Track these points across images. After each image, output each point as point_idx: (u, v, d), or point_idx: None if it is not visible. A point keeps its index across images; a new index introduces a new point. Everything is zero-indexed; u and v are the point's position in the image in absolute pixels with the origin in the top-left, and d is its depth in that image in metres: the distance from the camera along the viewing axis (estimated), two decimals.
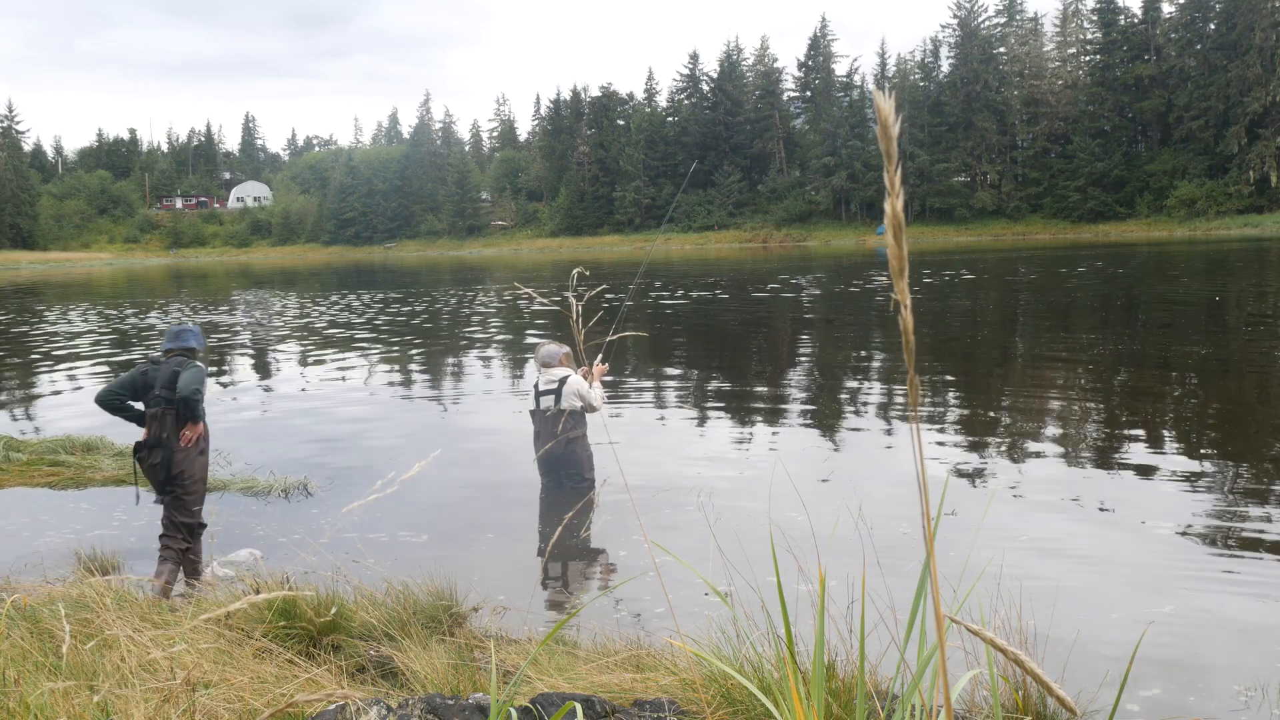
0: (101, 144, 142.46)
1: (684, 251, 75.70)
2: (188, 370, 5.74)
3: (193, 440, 5.80)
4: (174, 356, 5.89)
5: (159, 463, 5.75)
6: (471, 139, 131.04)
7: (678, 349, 17.13)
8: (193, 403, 5.70)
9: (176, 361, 5.83)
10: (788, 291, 29.22)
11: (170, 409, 5.73)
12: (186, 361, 5.83)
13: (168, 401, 5.74)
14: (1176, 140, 78.54)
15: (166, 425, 5.74)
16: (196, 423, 5.81)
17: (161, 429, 5.75)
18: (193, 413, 5.74)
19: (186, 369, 5.75)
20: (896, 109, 1.12)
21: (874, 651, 3.05)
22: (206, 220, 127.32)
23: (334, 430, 10.47)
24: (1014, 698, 3.20)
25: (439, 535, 6.70)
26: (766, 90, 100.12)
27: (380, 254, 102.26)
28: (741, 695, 2.79)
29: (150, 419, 5.79)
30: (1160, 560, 5.72)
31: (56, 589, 4.66)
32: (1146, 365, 13.07)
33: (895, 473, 7.91)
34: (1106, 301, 22.62)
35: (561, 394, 7.40)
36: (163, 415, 5.75)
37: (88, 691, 2.79)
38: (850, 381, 12.93)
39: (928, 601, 1.63)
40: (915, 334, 1.20)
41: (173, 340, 5.97)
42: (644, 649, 3.90)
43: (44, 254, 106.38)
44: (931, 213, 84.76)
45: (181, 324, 6.26)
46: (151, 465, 5.77)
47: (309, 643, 4.12)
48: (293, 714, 2.71)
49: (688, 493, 7.26)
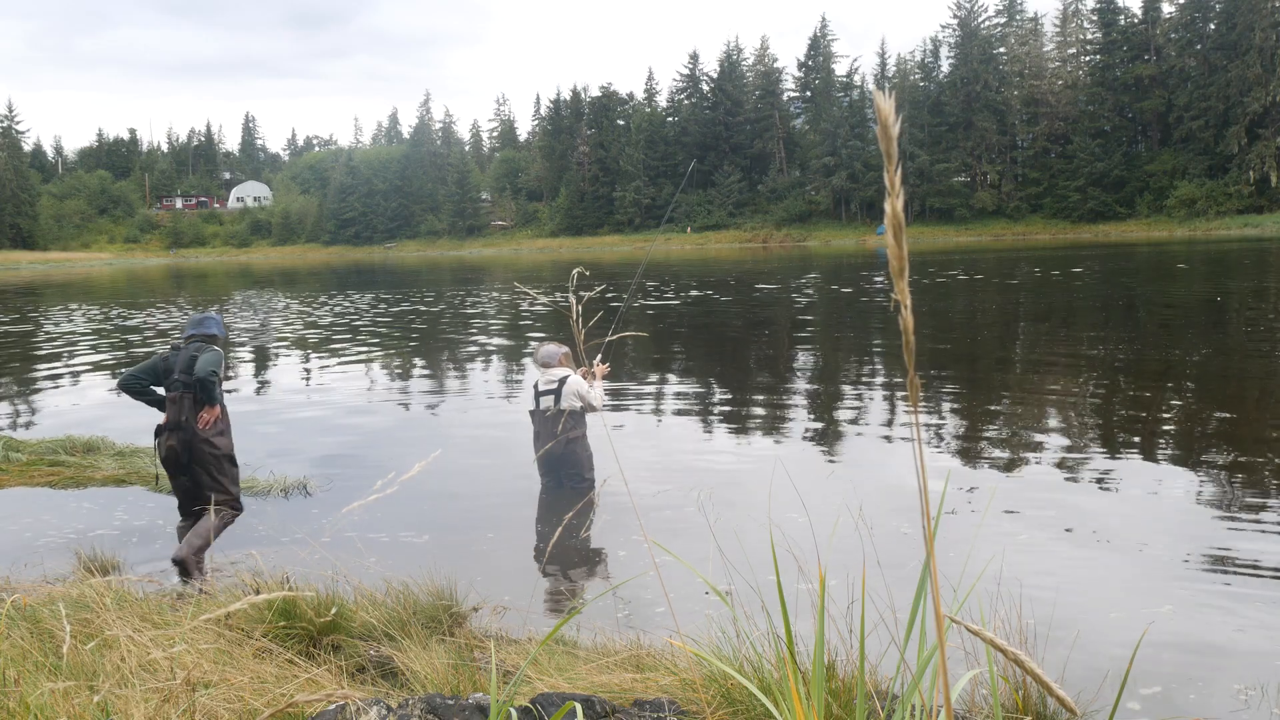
0: (101, 144, 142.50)
1: (684, 252, 75.71)
2: (205, 354, 5.91)
3: (210, 422, 5.93)
4: (194, 342, 6.05)
5: (177, 445, 5.89)
6: (471, 139, 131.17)
7: (678, 349, 17.13)
8: (208, 384, 5.83)
9: (195, 347, 5.99)
10: (789, 292, 29.22)
11: (188, 392, 5.89)
12: (205, 346, 6.00)
13: (185, 385, 5.88)
14: (1176, 140, 78.56)
15: (185, 408, 5.89)
16: (213, 405, 5.94)
17: (180, 412, 5.91)
18: (209, 394, 5.86)
19: (204, 353, 5.91)
20: (896, 109, 1.12)
21: (874, 651, 3.05)
22: (206, 220, 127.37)
23: (334, 430, 10.47)
24: (1014, 698, 3.20)
25: (439, 535, 6.69)
26: (766, 90, 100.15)
27: (380, 254, 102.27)
28: (741, 695, 2.79)
29: (170, 402, 5.95)
30: (1160, 560, 5.72)
31: (56, 589, 4.66)
32: (1147, 365, 13.07)
33: (895, 473, 7.90)
34: (1107, 302, 22.62)
35: (561, 394, 7.40)
36: (181, 398, 5.91)
37: (88, 691, 2.79)
38: (850, 381, 12.94)
39: (928, 601, 1.63)
40: (915, 334, 1.20)
41: (195, 327, 6.15)
42: (644, 649, 3.90)
43: (44, 254, 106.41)
44: (931, 213, 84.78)
45: (204, 312, 6.38)
46: (170, 447, 5.91)
47: (309, 643, 4.12)
48: (293, 714, 2.71)
49: (688, 493, 7.26)
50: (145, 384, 6.00)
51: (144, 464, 8.80)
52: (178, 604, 4.75)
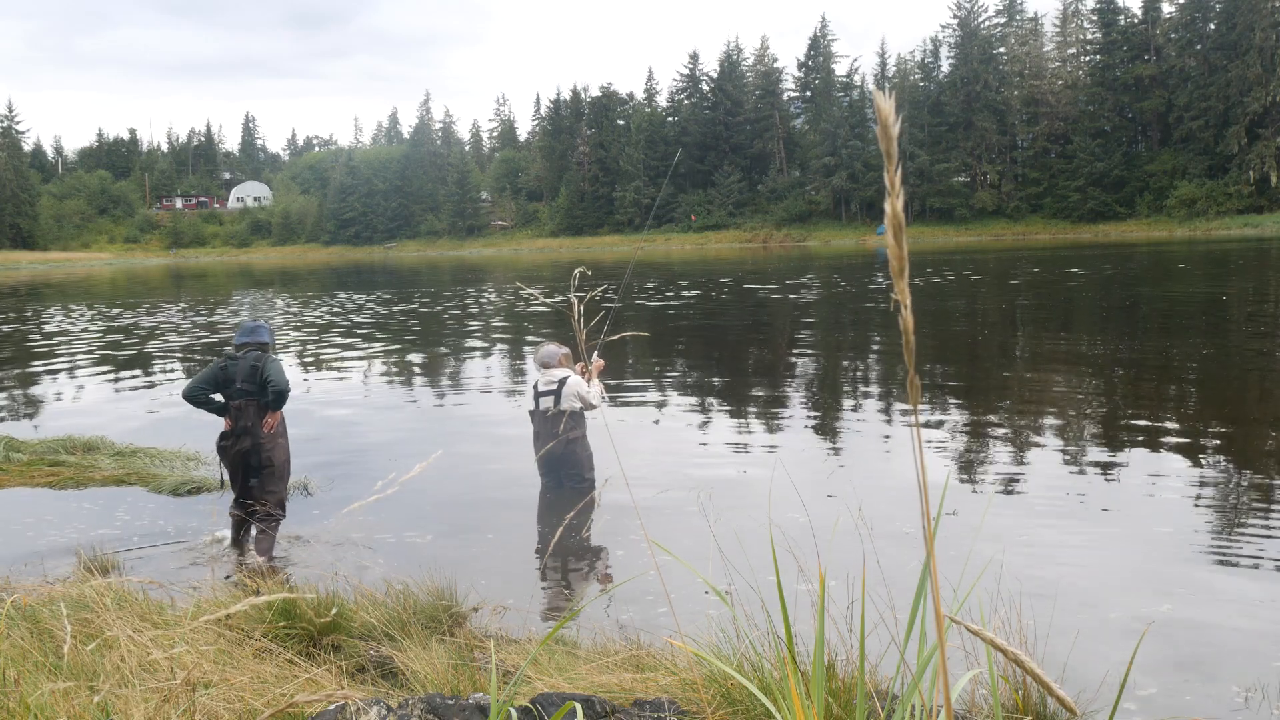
0: (101, 144, 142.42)
1: (684, 252, 75.71)
2: (273, 365, 6.26)
3: (273, 425, 6.32)
4: (249, 351, 6.35)
5: (247, 448, 6.23)
6: (471, 139, 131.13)
7: (678, 349, 17.13)
8: (286, 395, 6.24)
9: (254, 356, 6.30)
10: (788, 292, 29.22)
11: (252, 400, 6.25)
12: (264, 356, 6.31)
13: (248, 393, 6.22)
14: (1176, 140, 78.54)
15: (249, 415, 6.26)
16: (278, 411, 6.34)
17: (245, 418, 6.24)
18: (283, 403, 6.28)
19: (269, 364, 6.24)
20: (896, 109, 1.12)
21: (874, 651, 3.06)
22: (206, 220, 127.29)
23: (334, 430, 10.47)
24: (1014, 698, 3.20)
25: (439, 535, 6.70)
26: (766, 90, 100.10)
27: (380, 254, 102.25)
28: (741, 695, 2.79)
29: (234, 410, 6.26)
30: (1160, 560, 5.72)
31: (57, 589, 4.66)
32: (1147, 365, 13.07)
33: (895, 473, 7.91)
34: (1107, 301, 22.62)
35: (561, 395, 7.40)
36: (245, 406, 6.25)
37: (88, 692, 2.79)
38: (850, 381, 12.94)
39: (928, 601, 1.63)
40: (915, 334, 1.20)
41: (247, 335, 6.44)
42: (644, 649, 3.90)
43: (44, 254, 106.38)
44: (931, 213, 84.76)
45: (255, 321, 6.65)
46: (239, 451, 6.25)
47: (309, 643, 4.12)
48: (293, 714, 2.71)
49: (688, 493, 7.25)
50: (208, 393, 6.31)
51: (143, 464, 8.80)
52: (177, 604, 4.75)
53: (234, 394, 6.27)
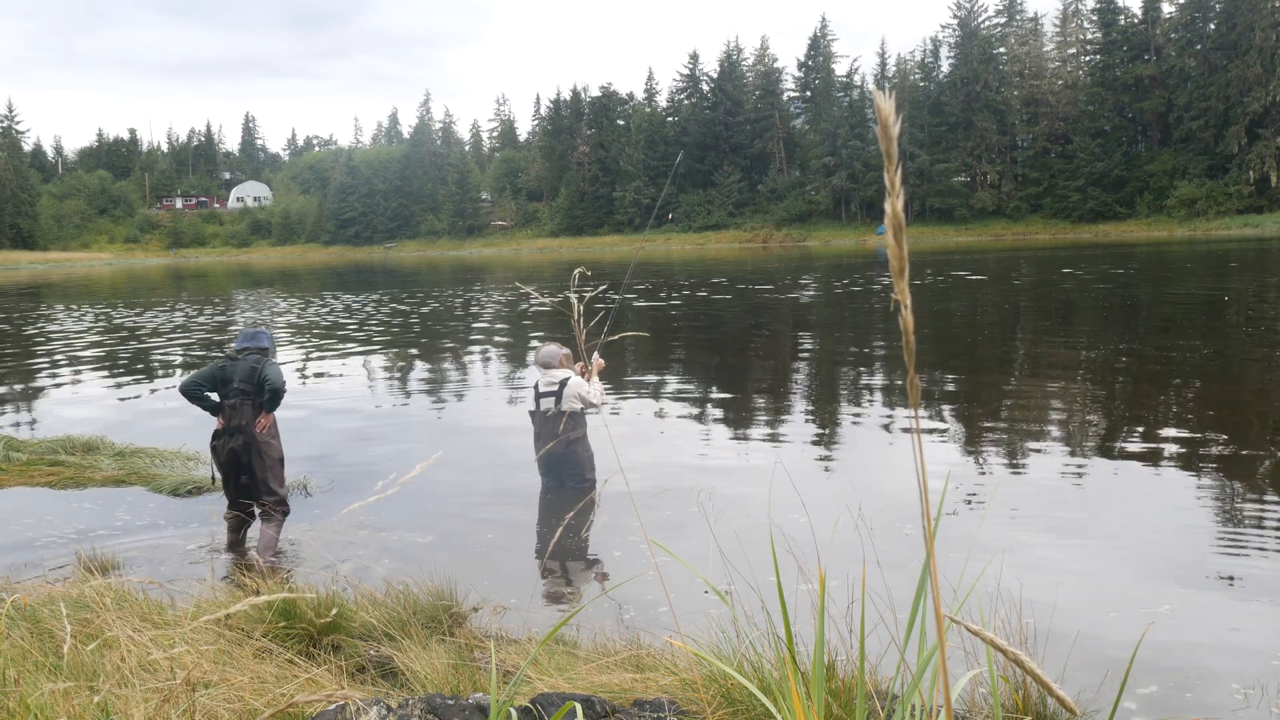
0: (101, 144, 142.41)
1: (684, 252, 75.70)
2: (271, 368, 6.45)
3: (267, 426, 6.47)
4: (249, 354, 6.53)
5: (239, 447, 6.38)
6: (471, 139, 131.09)
7: (678, 349, 17.13)
8: (282, 394, 6.44)
9: (254, 359, 6.49)
10: (788, 292, 29.22)
11: (248, 400, 6.41)
12: (264, 359, 6.50)
13: (245, 394, 6.37)
14: (1176, 140, 78.53)
15: (244, 414, 6.40)
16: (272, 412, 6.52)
17: (240, 417, 6.40)
18: (278, 404, 6.48)
19: (268, 366, 6.44)
20: (896, 109, 1.12)
21: (874, 651, 3.06)
22: (206, 220, 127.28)
23: (334, 431, 10.47)
24: (1014, 698, 3.20)
25: (439, 536, 6.70)
26: (766, 90, 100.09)
27: (380, 254, 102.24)
28: (741, 695, 2.79)
29: (229, 409, 6.41)
30: (1160, 560, 5.72)
31: (57, 589, 4.66)
32: (1147, 365, 13.07)
33: (895, 473, 7.91)
34: (1107, 301, 22.62)
35: (562, 396, 7.40)
36: (241, 405, 6.41)
37: (88, 692, 2.79)
38: (850, 382, 12.94)
39: (928, 601, 1.63)
40: (915, 334, 1.20)
41: (248, 340, 6.64)
42: (644, 649, 3.90)
43: (44, 254, 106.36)
44: (931, 213, 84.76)
45: (256, 326, 6.72)
46: (232, 449, 6.39)
47: (309, 643, 4.12)
48: (293, 714, 2.71)
49: (688, 493, 7.25)
50: (205, 390, 6.45)
51: (143, 464, 8.80)
52: (177, 604, 4.75)
53: (230, 393, 6.42)
